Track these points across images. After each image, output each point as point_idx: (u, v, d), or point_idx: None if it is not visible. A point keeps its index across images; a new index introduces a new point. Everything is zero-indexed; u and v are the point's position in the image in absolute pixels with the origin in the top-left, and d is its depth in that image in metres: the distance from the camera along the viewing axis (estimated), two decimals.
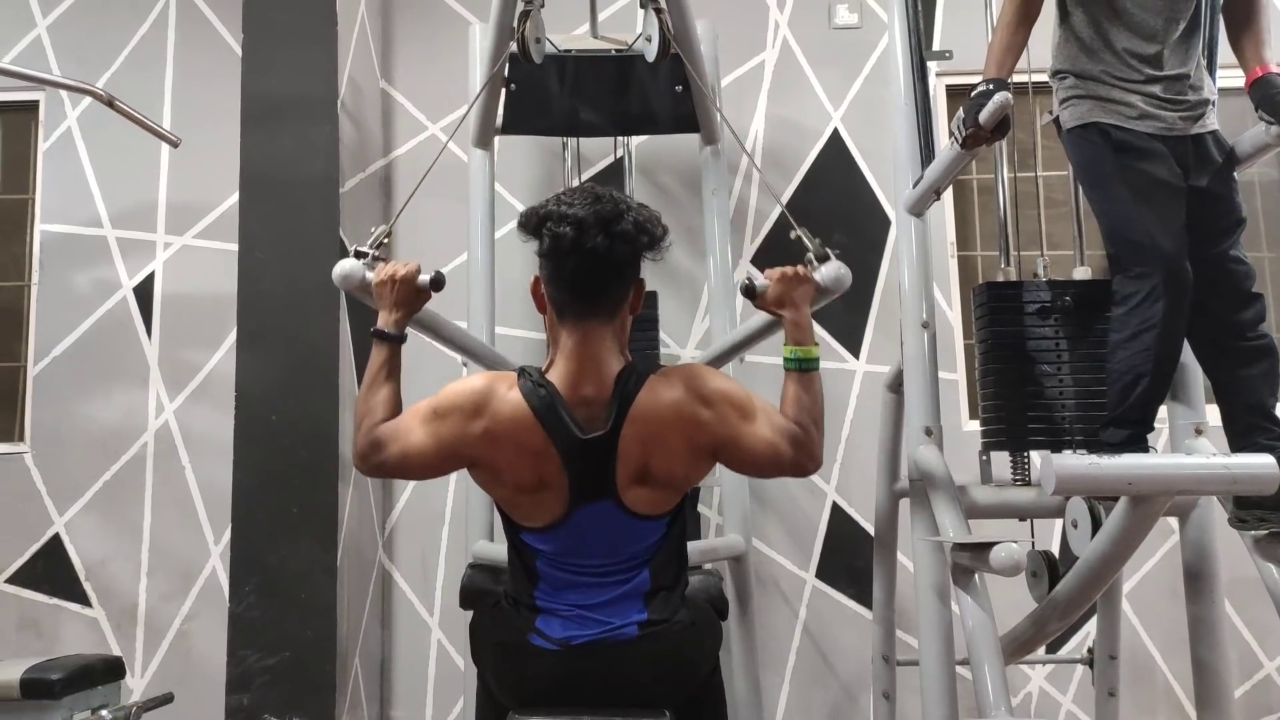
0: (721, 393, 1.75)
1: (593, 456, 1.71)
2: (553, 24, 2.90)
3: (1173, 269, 2.20)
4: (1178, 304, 2.21)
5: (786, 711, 3.80)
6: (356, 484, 3.66)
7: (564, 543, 1.75)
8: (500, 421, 1.72)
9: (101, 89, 3.36)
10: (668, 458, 1.73)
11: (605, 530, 1.74)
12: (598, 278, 1.72)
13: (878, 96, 3.93)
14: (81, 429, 3.93)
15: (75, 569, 3.87)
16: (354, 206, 3.75)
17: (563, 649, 1.73)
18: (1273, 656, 3.75)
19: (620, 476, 1.71)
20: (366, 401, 1.85)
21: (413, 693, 3.84)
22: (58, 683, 2.59)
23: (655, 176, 4.00)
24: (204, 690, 3.50)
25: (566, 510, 1.73)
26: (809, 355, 1.86)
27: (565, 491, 1.72)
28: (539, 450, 1.71)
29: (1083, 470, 1.97)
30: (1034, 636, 2.54)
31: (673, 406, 1.71)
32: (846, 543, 3.84)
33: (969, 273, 4.02)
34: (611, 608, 1.74)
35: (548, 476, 1.72)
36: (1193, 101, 2.31)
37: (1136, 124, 2.28)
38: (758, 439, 1.75)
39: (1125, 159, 2.27)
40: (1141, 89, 2.29)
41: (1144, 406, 2.27)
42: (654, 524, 1.76)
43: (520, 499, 1.77)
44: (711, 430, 1.73)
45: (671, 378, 1.75)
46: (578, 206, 1.70)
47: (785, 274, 1.91)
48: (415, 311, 1.95)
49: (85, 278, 4.03)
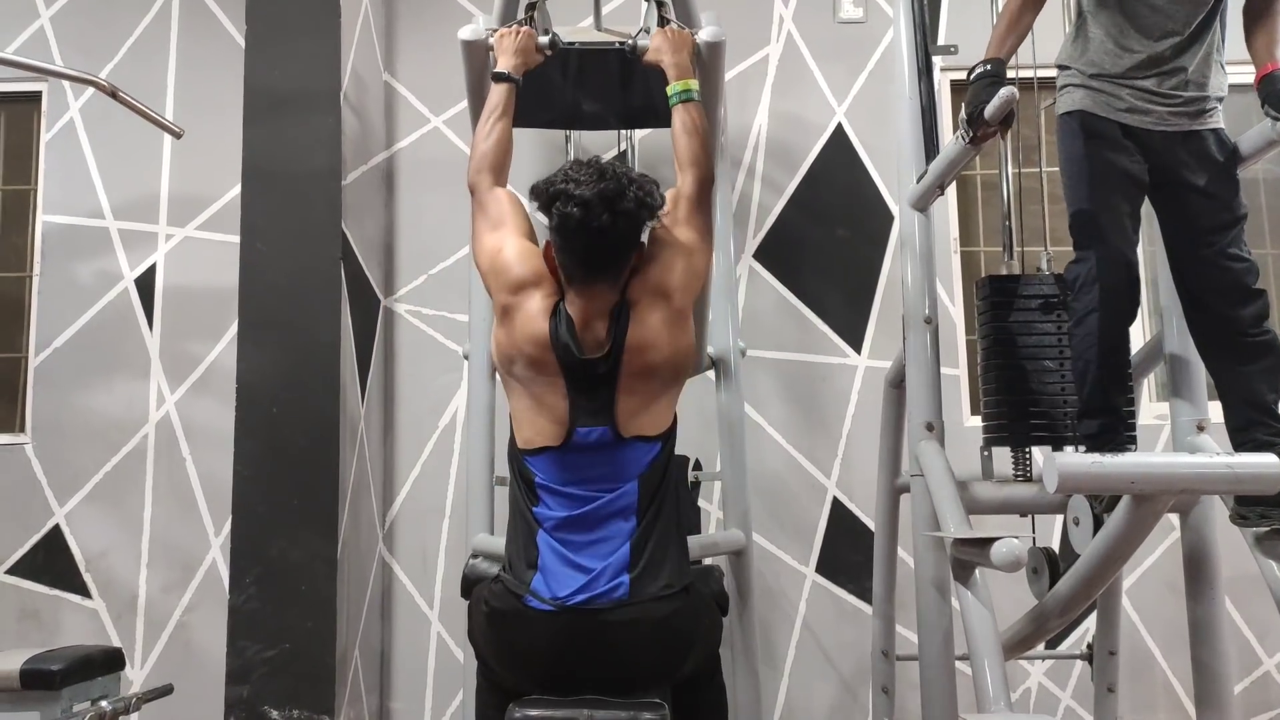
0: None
1: (592, 375, 1.90)
2: (557, 17, 2.90)
3: (1108, 252, 2.25)
4: (1114, 287, 2.25)
5: (786, 706, 3.80)
6: (357, 476, 3.66)
7: (562, 462, 1.91)
8: (520, 314, 1.95)
9: (104, 80, 3.35)
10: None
11: (602, 455, 1.90)
12: (603, 251, 1.91)
13: (882, 91, 3.92)
14: (82, 420, 3.93)
15: (75, 560, 3.87)
16: (356, 199, 3.75)
17: (558, 609, 1.83)
18: (1272, 653, 3.75)
19: (620, 401, 1.90)
20: (485, 131, 2.20)
21: (412, 685, 3.84)
22: (58, 673, 2.59)
23: (658, 170, 3.98)
24: (204, 682, 3.50)
25: (567, 432, 1.90)
26: (689, 86, 2.21)
27: (565, 410, 1.91)
28: (543, 358, 1.91)
29: (1085, 469, 1.97)
30: (1034, 633, 2.54)
31: (658, 322, 1.93)
32: (847, 538, 3.84)
33: (972, 268, 4.02)
34: (603, 527, 1.88)
35: (548, 385, 1.91)
36: (1189, 98, 2.32)
37: (1123, 116, 2.31)
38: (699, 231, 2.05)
39: (1092, 146, 2.31)
40: (1135, 84, 2.31)
41: (1103, 394, 2.29)
42: (646, 447, 1.92)
43: (520, 391, 1.95)
44: (685, 291, 1.98)
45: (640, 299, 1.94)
46: (584, 186, 1.88)
47: (662, 29, 2.30)
48: (530, 64, 2.30)
49: (87, 269, 4.02)
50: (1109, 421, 2.29)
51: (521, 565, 1.90)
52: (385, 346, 3.97)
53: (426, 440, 3.94)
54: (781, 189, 4.01)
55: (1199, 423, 2.52)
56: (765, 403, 3.89)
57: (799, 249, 3.99)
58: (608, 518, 1.88)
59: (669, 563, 1.89)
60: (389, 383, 3.98)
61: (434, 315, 4.00)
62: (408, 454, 3.95)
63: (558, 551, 1.87)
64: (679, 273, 1.99)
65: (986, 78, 2.24)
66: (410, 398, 3.98)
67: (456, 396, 3.91)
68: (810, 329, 3.94)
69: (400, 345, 4.00)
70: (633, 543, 1.87)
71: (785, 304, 3.96)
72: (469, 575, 2.25)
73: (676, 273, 1.98)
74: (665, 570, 1.87)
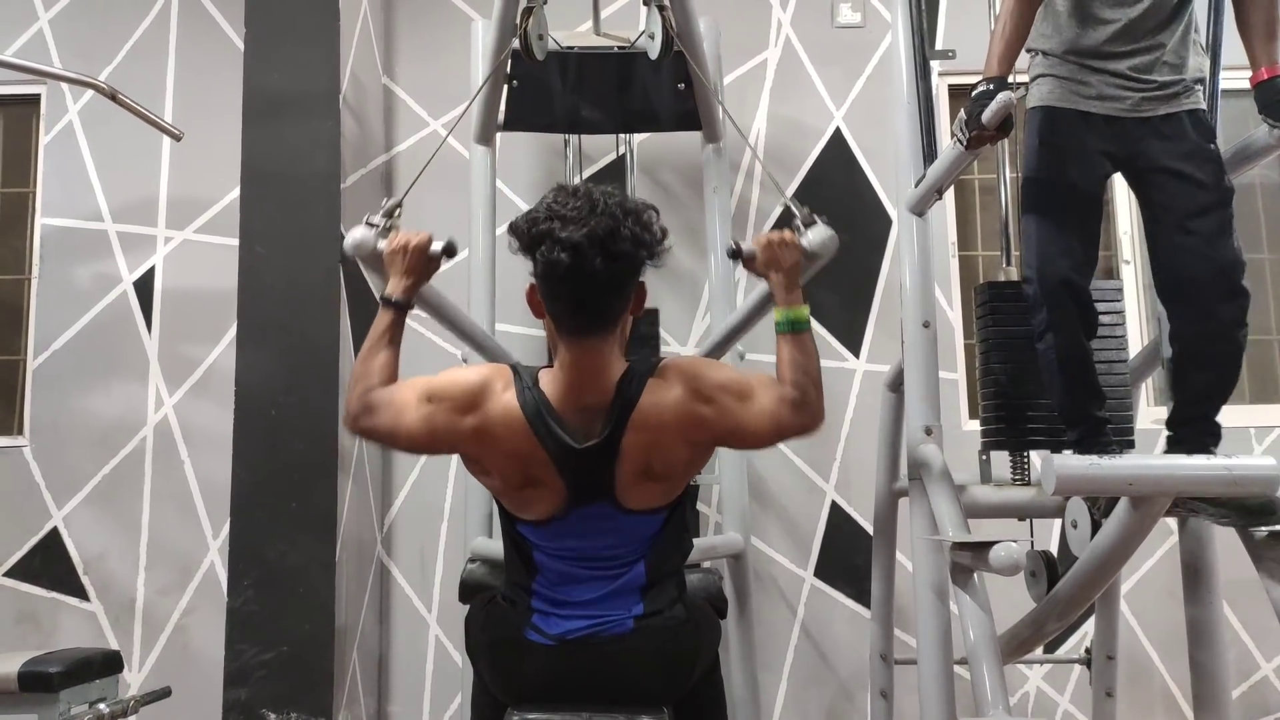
0: (719, 384, 1.75)
1: (590, 463, 1.72)
2: (555, 21, 2.90)
3: (1047, 276, 2.23)
4: (1059, 310, 2.24)
5: (784, 710, 3.80)
6: (356, 479, 3.66)
7: (561, 538, 1.76)
8: (492, 421, 1.73)
9: (104, 82, 3.36)
10: (670, 458, 1.74)
11: (603, 527, 1.76)
12: (596, 300, 1.70)
13: (880, 96, 3.93)
14: (81, 423, 3.92)
15: (74, 563, 3.86)
16: (355, 202, 3.75)
17: (558, 643, 1.74)
18: (1270, 658, 3.75)
19: (620, 481, 1.73)
20: (365, 364, 1.84)
21: (410, 688, 3.84)
22: (56, 676, 2.59)
23: (657, 174, 4.00)
24: (202, 684, 3.50)
25: (564, 511, 1.75)
26: (799, 316, 1.86)
27: (562, 494, 1.74)
28: (530, 454, 1.72)
29: (1083, 471, 1.98)
30: (1032, 636, 2.55)
31: (674, 409, 1.72)
32: (845, 541, 3.84)
33: (970, 272, 4.02)
34: (608, 601, 1.76)
35: (541, 478, 1.74)
36: (1163, 81, 2.25)
37: (1091, 104, 2.25)
38: (759, 416, 1.75)
39: (1042, 156, 2.28)
40: (1106, 65, 2.25)
41: (1073, 406, 2.29)
42: (653, 518, 1.77)
43: (512, 494, 1.79)
44: (713, 425, 1.74)
45: (669, 379, 1.74)
46: (572, 226, 1.64)
47: (771, 238, 1.92)
48: (425, 280, 1.96)
49: (85, 271, 4.02)
50: (1087, 428, 2.29)
51: (521, 597, 1.81)
52: None
53: None
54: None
55: None
56: None
57: None
58: (613, 595, 1.76)
59: (671, 590, 1.81)
60: None
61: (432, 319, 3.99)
62: (406, 457, 3.94)
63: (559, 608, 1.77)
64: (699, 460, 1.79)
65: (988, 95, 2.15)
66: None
67: None
68: None
69: None
70: (642, 598, 1.78)
71: None
72: (467, 580, 2.25)
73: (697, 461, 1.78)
74: (667, 597, 1.80)
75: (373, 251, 1.96)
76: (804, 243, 1.96)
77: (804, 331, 1.85)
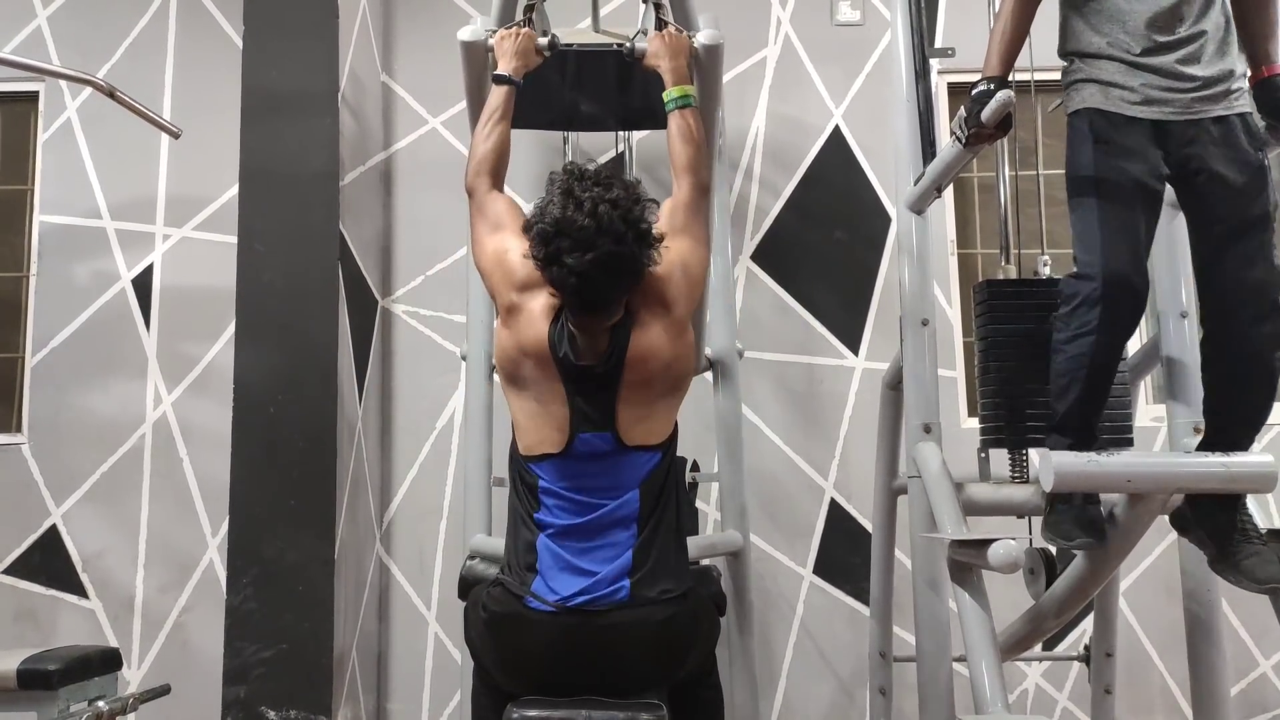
0: (676, 287, 1.97)
1: (593, 385, 1.89)
2: (554, 18, 2.90)
3: (1113, 275, 2.09)
4: (1116, 312, 2.11)
5: (783, 707, 3.80)
6: (355, 477, 3.66)
7: (565, 470, 1.90)
8: (524, 313, 1.95)
9: (102, 80, 3.35)
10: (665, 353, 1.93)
11: (602, 463, 1.89)
12: (600, 302, 1.87)
13: (879, 94, 3.93)
14: (79, 420, 3.92)
15: (72, 560, 3.86)
16: (354, 200, 3.75)
17: (558, 610, 1.83)
18: (1268, 655, 3.75)
19: (620, 411, 1.89)
20: (484, 134, 2.18)
21: (410, 685, 3.84)
22: (55, 673, 2.59)
23: (656, 171, 3.99)
24: (201, 682, 3.50)
25: (568, 440, 1.89)
26: (686, 92, 2.18)
27: (565, 417, 1.89)
28: (542, 366, 1.91)
29: (1081, 468, 1.98)
30: (1031, 634, 2.55)
31: (660, 331, 1.92)
32: (844, 539, 3.84)
33: (969, 270, 4.02)
34: (606, 534, 1.87)
35: (548, 391, 1.91)
36: (1210, 77, 2.14)
37: (1139, 110, 2.14)
38: (695, 242, 2.02)
39: (1101, 153, 2.15)
40: (1149, 61, 2.13)
41: (1080, 415, 2.18)
42: (648, 455, 1.92)
43: (520, 395, 1.94)
44: (685, 300, 1.97)
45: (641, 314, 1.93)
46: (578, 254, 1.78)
47: (664, 32, 2.26)
48: (530, 66, 2.27)
49: (84, 269, 4.02)
50: (1082, 439, 2.20)
51: (521, 568, 1.89)
52: (383, 347, 3.97)
53: (424, 441, 3.94)
54: (779, 191, 4.02)
55: (1195, 425, 2.51)
56: (763, 404, 3.90)
57: (796, 251, 3.99)
58: (609, 526, 1.88)
59: (669, 567, 1.89)
60: (386, 384, 3.98)
61: (431, 316, 4.00)
62: (405, 455, 3.95)
63: (558, 556, 1.87)
64: (677, 282, 1.97)
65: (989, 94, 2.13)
66: (408, 398, 3.98)
67: (454, 397, 3.91)
68: (808, 331, 3.95)
69: (398, 346, 4.00)
70: (635, 549, 1.87)
71: (783, 306, 3.96)
72: (466, 576, 2.25)
73: (675, 282, 1.96)
74: (666, 574, 1.87)
75: (484, 38, 2.33)
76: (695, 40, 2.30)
77: (690, 105, 2.17)
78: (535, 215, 1.87)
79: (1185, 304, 2.63)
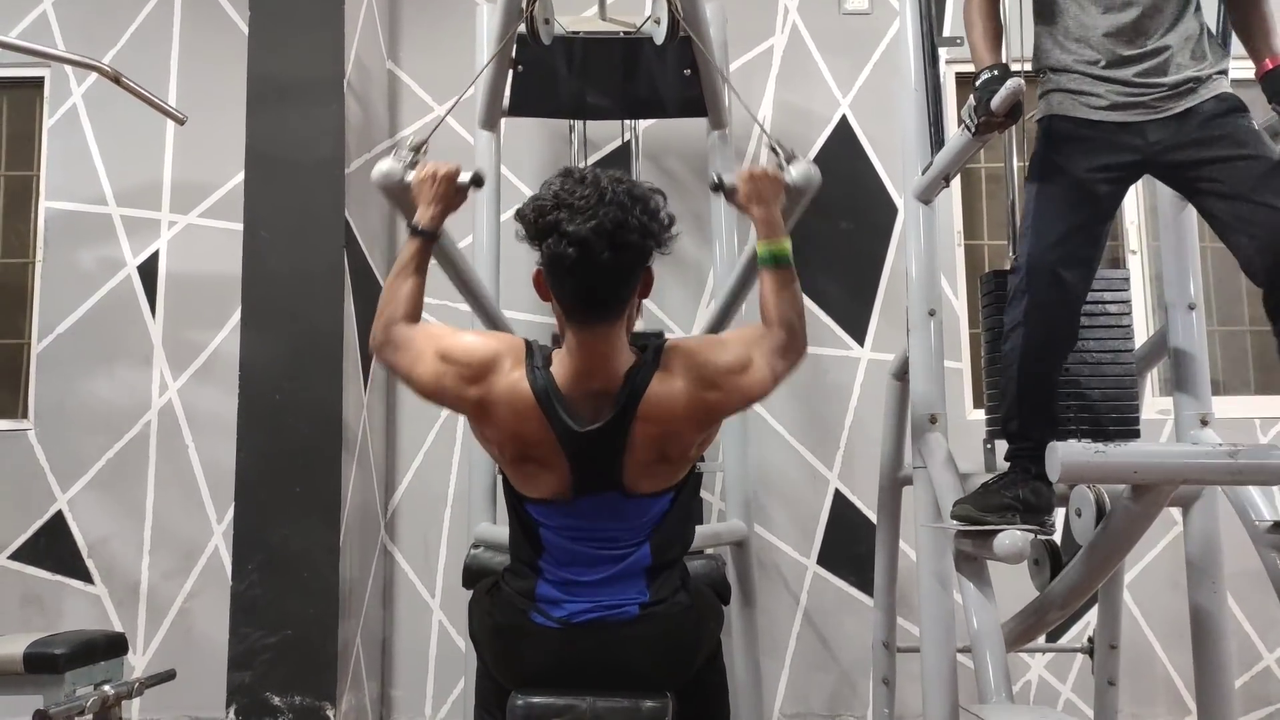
0: (724, 369, 1.77)
1: (595, 449, 1.72)
2: (561, 5, 2.89)
3: (1035, 264, 2.10)
4: (1039, 301, 2.09)
5: (786, 697, 3.81)
6: (360, 464, 3.66)
7: (567, 518, 1.77)
8: (496, 397, 1.73)
9: (108, 65, 3.35)
10: (682, 443, 1.76)
11: (609, 511, 1.76)
12: (603, 290, 1.71)
13: (887, 83, 3.91)
14: (85, 406, 3.93)
15: (78, 546, 3.88)
16: (359, 187, 3.74)
17: (563, 627, 1.75)
18: (1273, 648, 3.75)
19: (628, 470, 1.74)
20: (393, 292, 1.88)
21: (414, 673, 3.85)
22: (61, 657, 2.60)
23: (662, 161, 3.98)
24: (206, 668, 3.51)
25: (570, 495, 1.75)
26: (782, 249, 1.90)
27: (567, 479, 1.74)
28: (536, 434, 1.73)
29: (1087, 459, 1.97)
30: (1035, 625, 2.55)
31: (683, 399, 1.73)
32: (848, 529, 3.84)
33: (975, 261, 4.01)
34: (613, 585, 1.76)
35: (546, 459, 1.74)
36: (1175, 81, 2.13)
37: (1107, 114, 2.14)
38: (761, 381, 1.79)
39: (1049, 154, 2.17)
40: (1113, 74, 2.14)
41: (1019, 421, 2.15)
42: (659, 499, 1.78)
43: (514, 468, 1.79)
44: (721, 407, 1.78)
45: (674, 367, 1.75)
46: (580, 217, 1.64)
47: (754, 172, 1.93)
48: (452, 209, 1.97)
49: (90, 255, 4.02)
50: (1022, 449, 2.16)
51: (525, 579, 1.81)
52: None
53: (429, 429, 3.94)
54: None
55: (1202, 416, 2.52)
56: None
57: (802, 241, 3.93)
58: (618, 579, 1.77)
59: (676, 577, 1.82)
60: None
61: (437, 305, 3.97)
62: (410, 442, 3.95)
63: (564, 589, 1.78)
64: (728, 392, 1.77)
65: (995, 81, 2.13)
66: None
67: None
68: (813, 321, 3.93)
69: None
70: (648, 584, 1.78)
71: None
72: (470, 565, 2.24)
73: (726, 389, 1.76)
74: (672, 584, 1.81)
75: (400, 182, 1.96)
76: (786, 177, 1.99)
77: (786, 266, 1.89)
78: (529, 200, 1.74)
79: (1193, 296, 2.62)
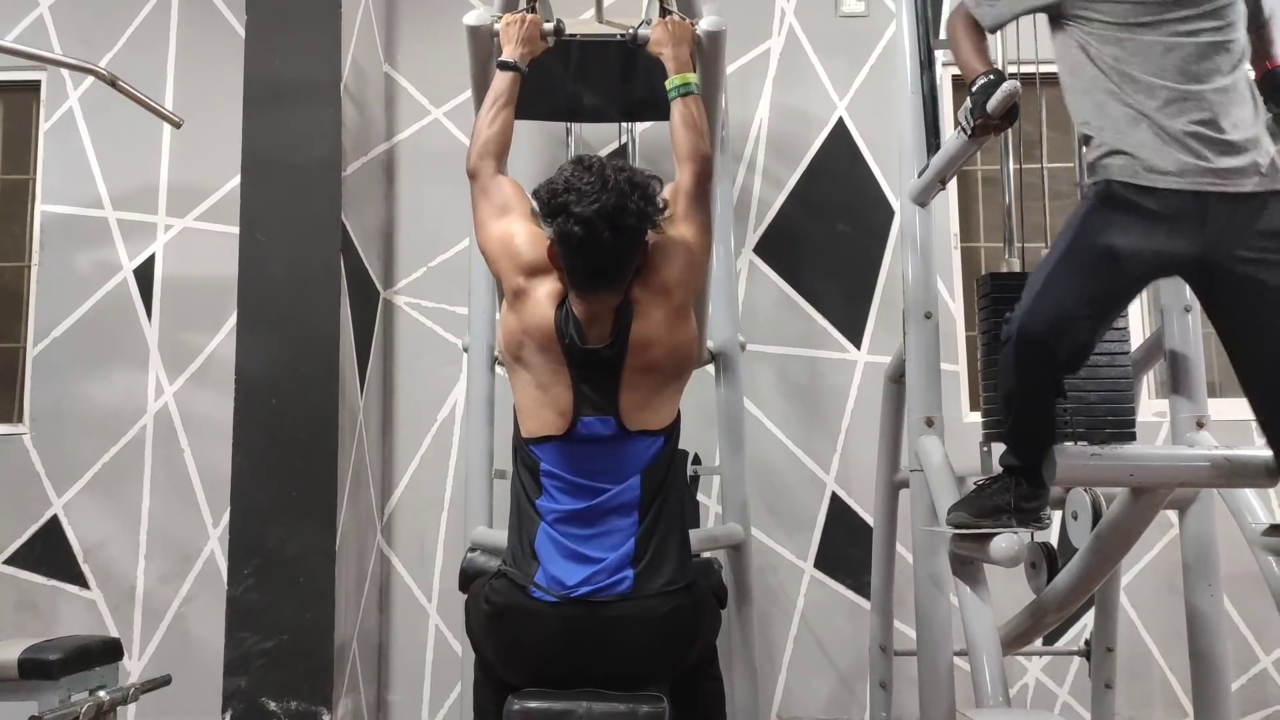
0: (678, 273, 1.98)
1: (596, 367, 1.91)
2: (558, 7, 2.89)
3: (1025, 333, 2.00)
4: (1025, 364, 2.03)
5: (784, 701, 3.80)
6: (356, 468, 3.66)
7: (566, 452, 1.91)
8: (532, 295, 1.96)
9: (104, 69, 3.34)
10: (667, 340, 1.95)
11: (604, 447, 1.91)
12: (606, 264, 1.91)
13: (883, 86, 3.92)
14: (81, 410, 3.92)
15: (74, 550, 3.87)
16: (356, 190, 3.74)
17: (561, 600, 1.84)
18: (1270, 651, 3.75)
19: (624, 398, 1.91)
20: (487, 123, 2.19)
21: (410, 677, 3.85)
22: (55, 663, 2.59)
23: (659, 163, 3.98)
24: (202, 672, 3.50)
25: (570, 423, 1.91)
26: (688, 80, 2.20)
27: (569, 399, 1.91)
28: (546, 342, 1.93)
29: (1084, 461, 1.98)
30: (1032, 628, 2.55)
31: (662, 320, 1.94)
32: (845, 533, 3.84)
33: (972, 264, 4.01)
34: (606, 521, 1.88)
35: (553, 373, 1.92)
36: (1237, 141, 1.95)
37: (1151, 179, 1.95)
38: (697, 227, 2.04)
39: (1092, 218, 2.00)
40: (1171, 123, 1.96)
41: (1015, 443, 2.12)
42: (650, 440, 1.93)
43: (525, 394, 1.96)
44: (686, 287, 1.99)
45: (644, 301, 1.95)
46: (586, 201, 1.86)
47: (664, 20, 2.28)
48: (536, 53, 2.31)
49: (86, 259, 4.02)
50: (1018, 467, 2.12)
51: (524, 558, 1.90)
52: (385, 339, 3.97)
53: (425, 432, 3.94)
54: (782, 183, 4.01)
55: (1198, 419, 2.52)
56: (765, 397, 3.89)
57: (799, 244, 3.98)
58: (610, 512, 1.89)
59: (672, 558, 1.89)
60: (388, 375, 3.98)
61: (433, 308, 3.99)
62: (407, 446, 3.95)
63: (560, 543, 1.88)
64: (679, 269, 1.99)
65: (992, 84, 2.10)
66: (409, 390, 3.98)
67: (456, 389, 3.90)
68: (810, 324, 3.94)
69: (400, 337, 4.00)
70: (637, 537, 1.88)
71: (785, 299, 3.95)
72: (467, 569, 2.25)
73: (677, 269, 1.98)
74: (668, 566, 1.88)
75: (489, 25, 2.33)
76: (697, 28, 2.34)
77: (692, 93, 2.18)
78: (544, 182, 1.95)
79: (1189, 298, 2.62)
